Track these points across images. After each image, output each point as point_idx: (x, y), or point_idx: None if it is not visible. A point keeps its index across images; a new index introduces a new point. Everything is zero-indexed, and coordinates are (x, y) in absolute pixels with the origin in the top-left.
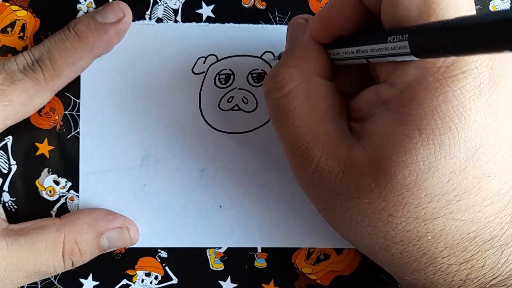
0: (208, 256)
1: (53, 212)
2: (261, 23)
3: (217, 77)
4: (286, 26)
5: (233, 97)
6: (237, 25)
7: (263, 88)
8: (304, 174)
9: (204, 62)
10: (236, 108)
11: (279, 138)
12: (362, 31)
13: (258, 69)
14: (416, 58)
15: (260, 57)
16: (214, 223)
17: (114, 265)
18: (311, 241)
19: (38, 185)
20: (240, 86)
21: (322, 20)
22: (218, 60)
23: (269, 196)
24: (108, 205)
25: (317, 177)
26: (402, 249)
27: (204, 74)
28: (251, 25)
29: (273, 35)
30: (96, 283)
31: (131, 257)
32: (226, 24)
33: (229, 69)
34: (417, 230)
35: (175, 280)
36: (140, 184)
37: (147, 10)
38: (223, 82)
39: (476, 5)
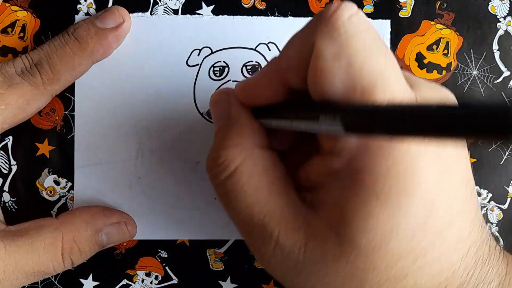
0: (208, 256)
1: (53, 212)
2: None
3: (212, 69)
4: (281, 18)
5: None
6: (231, 17)
7: (207, 172)
8: (265, 254)
9: (198, 55)
10: None
11: (233, 221)
12: (292, 103)
13: (252, 61)
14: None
15: (255, 49)
16: (209, 215)
17: (114, 265)
18: None
19: (38, 185)
20: (234, 78)
21: (245, 96)
22: (212, 53)
23: None
24: (103, 198)
25: (279, 254)
26: None
27: (198, 66)
28: (245, 17)
29: (267, 27)
30: (96, 283)
31: (131, 257)
32: (220, 16)
33: (224, 61)
34: None
35: (175, 280)
36: (135, 177)
37: (147, 10)
38: (218, 74)
39: (473, 6)
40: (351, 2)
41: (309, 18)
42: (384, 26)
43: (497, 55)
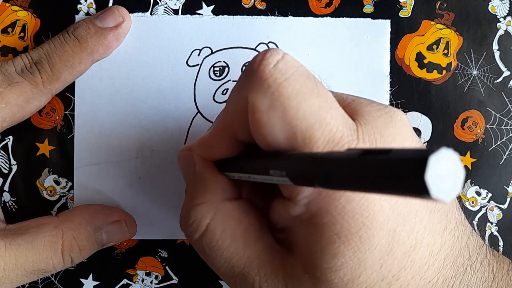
0: None
1: (53, 212)
2: None
3: (212, 69)
4: (281, 17)
5: (227, 89)
6: (231, 17)
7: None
8: None
9: (198, 55)
10: None
11: (215, 272)
12: (245, 157)
13: None
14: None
15: (255, 49)
16: None
17: (115, 264)
18: None
19: (38, 185)
20: (234, 78)
21: (203, 152)
22: (212, 53)
23: None
24: (103, 198)
25: None
26: None
27: (198, 66)
28: (245, 16)
29: (267, 27)
30: (97, 282)
31: (131, 256)
32: (220, 16)
33: (224, 61)
34: None
35: (175, 280)
36: (135, 177)
37: (147, 10)
38: (218, 74)
39: (473, 5)
40: (275, 48)
41: (310, 18)
42: (384, 26)
43: (497, 55)
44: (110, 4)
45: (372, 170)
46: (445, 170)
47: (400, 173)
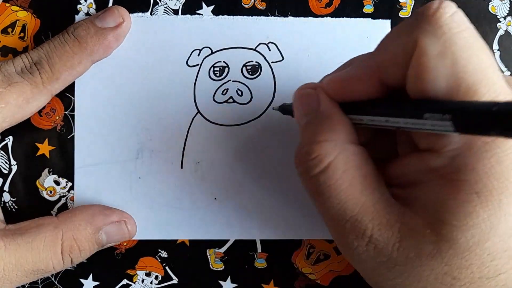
0: (208, 256)
1: (53, 212)
2: None
3: (212, 69)
4: (282, 18)
5: (227, 89)
6: (231, 17)
7: (296, 166)
8: (357, 248)
9: (198, 55)
10: (231, 100)
11: (322, 216)
12: (387, 100)
13: (252, 61)
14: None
15: (255, 49)
16: (210, 215)
17: (115, 265)
18: (307, 232)
19: (38, 185)
20: (234, 78)
21: (336, 91)
22: (212, 53)
23: (264, 188)
24: (104, 198)
25: (371, 250)
26: None
27: (198, 66)
28: (245, 17)
29: (267, 27)
30: (97, 283)
31: (131, 257)
32: (220, 16)
33: (224, 62)
34: None
35: (175, 280)
36: (136, 177)
37: (147, 10)
38: (218, 75)
39: (473, 5)
40: (451, 1)
41: (310, 18)
42: (384, 26)
43: (497, 55)
44: (110, 4)
45: None
46: None
47: None
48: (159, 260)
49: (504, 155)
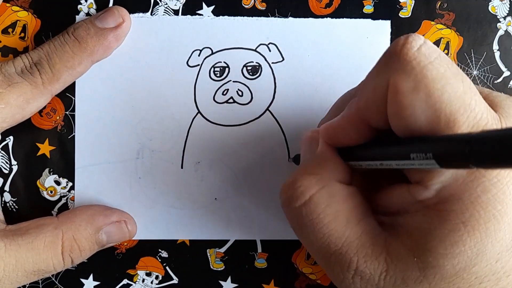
0: (209, 256)
1: (54, 212)
2: None
3: (212, 69)
4: (282, 18)
5: (228, 89)
6: (232, 17)
7: (280, 197)
8: (344, 281)
9: (199, 55)
10: (231, 101)
11: (306, 248)
12: (378, 143)
13: (253, 62)
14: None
15: (255, 50)
16: (210, 216)
17: (115, 265)
18: None
19: (39, 185)
20: (235, 79)
21: (329, 138)
22: (213, 53)
23: (264, 188)
24: (104, 198)
25: (358, 282)
26: None
27: (199, 67)
28: (245, 17)
29: (267, 28)
30: (97, 283)
31: (131, 257)
32: (221, 17)
33: (224, 62)
34: None
35: (175, 280)
36: (136, 177)
37: (147, 11)
38: (218, 75)
39: (473, 6)
40: (416, 34)
41: (310, 19)
42: (384, 27)
43: (497, 55)
44: (110, 4)
45: None
46: None
47: None
48: (160, 260)
49: (490, 185)
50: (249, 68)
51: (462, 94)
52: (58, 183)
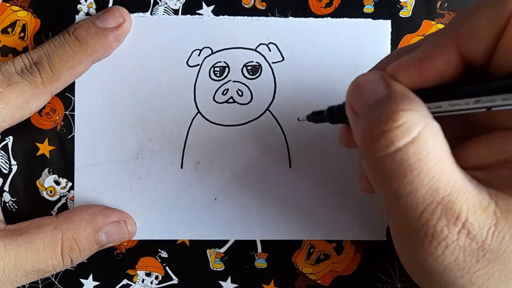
0: (209, 256)
1: (53, 212)
2: None
3: (212, 69)
4: (282, 18)
5: (228, 89)
6: (232, 17)
7: (367, 144)
8: (448, 238)
9: (199, 55)
10: (231, 100)
11: (396, 207)
12: (470, 80)
13: (253, 62)
14: None
15: (255, 50)
16: (210, 216)
17: (115, 265)
18: (307, 232)
19: (38, 185)
20: (235, 78)
21: (408, 74)
22: (213, 53)
23: (264, 188)
24: (104, 198)
25: (463, 238)
26: None
27: (199, 66)
28: (245, 17)
29: (267, 27)
30: (97, 283)
31: (131, 257)
32: (221, 17)
33: (224, 62)
34: None
35: (175, 280)
36: (136, 177)
37: (147, 10)
38: (218, 75)
39: None
40: None
41: (310, 19)
42: (384, 26)
43: None
44: (110, 4)
45: None
46: None
47: None
48: (159, 260)
49: None
50: (249, 68)
51: None
52: (57, 183)
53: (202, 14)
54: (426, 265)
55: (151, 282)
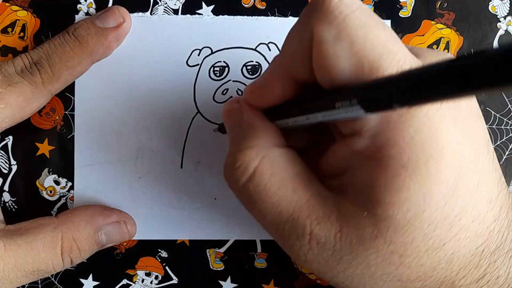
0: (208, 256)
1: (53, 212)
2: None
3: (212, 69)
4: (282, 18)
5: (227, 89)
6: (232, 17)
7: (226, 181)
8: (301, 248)
9: (198, 55)
10: None
11: (262, 226)
12: (304, 97)
13: (252, 61)
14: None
15: (255, 49)
16: (209, 216)
17: (114, 265)
18: None
19: (38, 185)
20: (234, 78)
21: (255, 98)
22: (212, 52)
23: None
24: (103, 198)
25: (315, 247)
26: (420, 285)
27: (198, 66)
28: (245, 17)
29: (267, 27)
30: (96, 283)
31: (131, 257)
32: (221, 16)
33: (224, 61)
34: (430, 261)
35: (175, 280)
36: (135, 177)
37: (147, 10)
38: (218, 75)
39: (473, 5)
40: None
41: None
42: None
43: None
44: (110, 4)
45: (473, 69)
46: None
47: (506, 64)
48: (159, 260)
49: (421, 124)
50: (249, 67)
51: (384, 40)
52: (57, 183)
53: (202, 14)
54: (305, 265)
55: (151, 282)
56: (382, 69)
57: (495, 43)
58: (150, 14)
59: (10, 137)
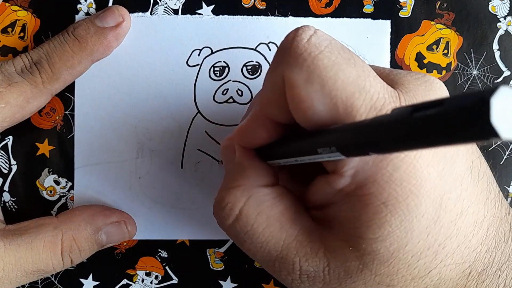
0: (208, 256)
1: (53, 212)
2: None
3: (212, 69)
4: (282, 18)
5: (228, 89)
6: (232, 17)
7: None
8: (293, 282)
9: (198, 55)
10: (231, 100)
11: (252, 258)
12: (289, 138)
13: (252, 61)
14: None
15: (255, 49)
16: (209, 216)
17: (115, 265)
18: None
19: (38, 185)
20: (235, 78)
21: (242, 140)
22: (212, 53)
23: None
24: (103, 198)
25: (306, 280)
26: None
27: (198, 66)
28: (245, 16)
29: (267, 27)
30: (97, 283)
31: (131, 257)
32: (221, 16)
33: (224, 61)
34: None
35: (175, 280)
36: (135, 176)
37: (147, 10)
38: (218, 75)
39: (473, 5)
40: (307, 25)
41: (310, 19)
42: (384, 26)
43: (497, 55)
44: (110, 4)
45: (430, 123)
46: (508, 107)
47: (463, 120)
48: (159, 260)
49: (399, 161)
50: (249, 67)
51: (356, 78)
52: (57, 182)
53: (202, 14)
54: None
55: (151, 282)
56: (355, 107)
57: (495, 43)
58: (150, 14)
59: (10, 137)
